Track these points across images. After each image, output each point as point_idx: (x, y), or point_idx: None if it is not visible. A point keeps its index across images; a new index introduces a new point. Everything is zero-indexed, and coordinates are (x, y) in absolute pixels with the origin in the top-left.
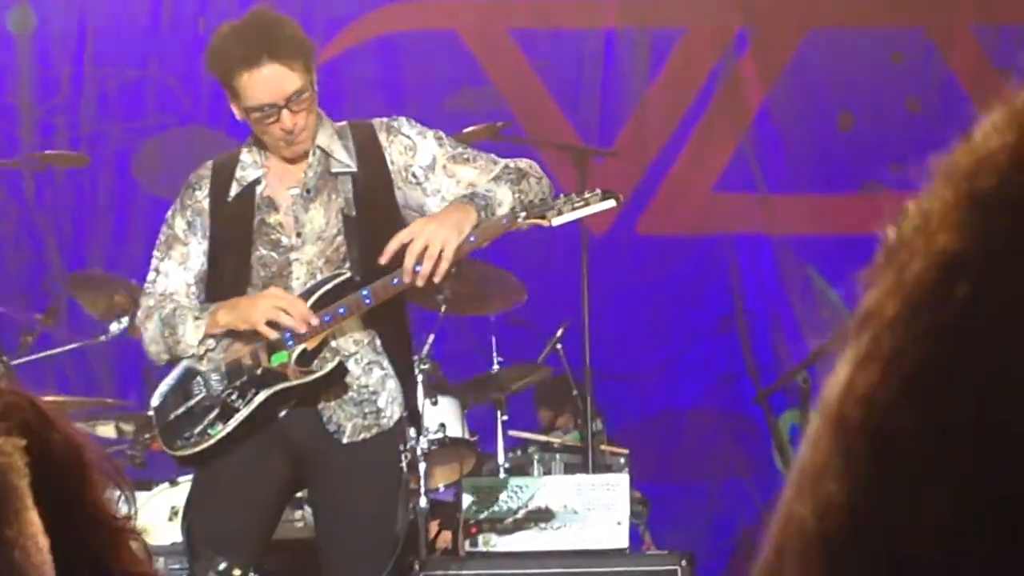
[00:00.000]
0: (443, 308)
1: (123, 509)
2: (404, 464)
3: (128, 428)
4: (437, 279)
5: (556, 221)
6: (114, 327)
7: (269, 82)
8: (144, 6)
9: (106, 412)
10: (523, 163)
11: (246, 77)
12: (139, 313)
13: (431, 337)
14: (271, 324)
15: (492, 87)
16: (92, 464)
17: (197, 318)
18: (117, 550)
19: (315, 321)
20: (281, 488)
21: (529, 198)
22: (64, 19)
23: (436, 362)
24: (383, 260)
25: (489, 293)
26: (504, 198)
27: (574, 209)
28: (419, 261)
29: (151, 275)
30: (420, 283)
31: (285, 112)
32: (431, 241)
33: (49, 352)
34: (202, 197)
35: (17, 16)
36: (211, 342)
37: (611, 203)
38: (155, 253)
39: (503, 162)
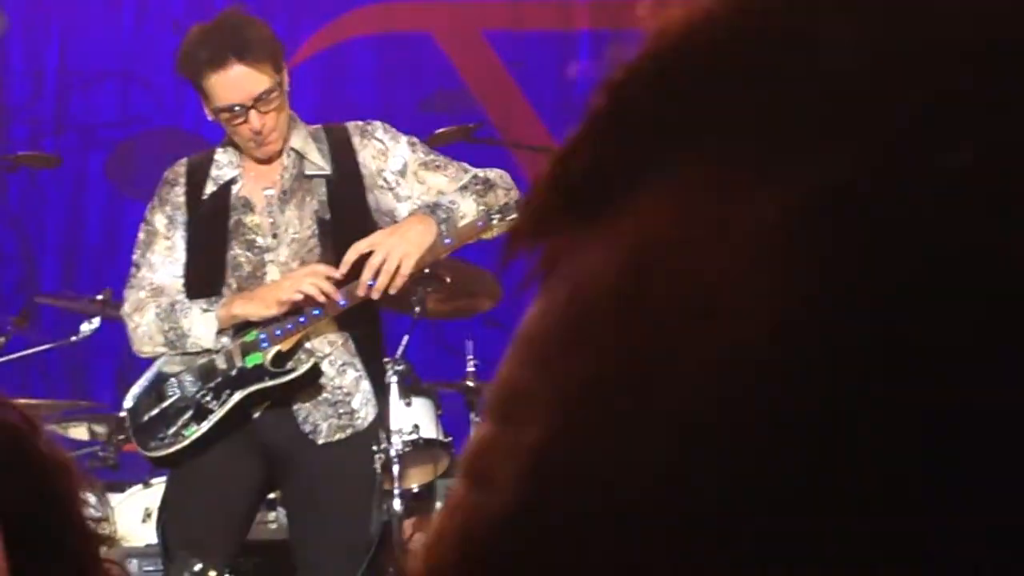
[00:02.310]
0: (416, 310)
1: (95, 513)
2: (378, 465)
3: (100, 430)
4: (392, 292)
5: None
6: (85, 328)
7: (236, 83)
8: (117, 8)
9: (78, 414)
10: (493, 174)
11: (214, 78)
12: (126, 306)
13: (406, 338)
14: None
15: (466, 89)
16: (72, 469)
17: (206, 310)
18: (95, 554)
19: (336, 296)
20: (255, 488)
21: (495, 209)
22: (37, 21)
23: (410, 363)
24: (341, 271)
25: (469, 294)
26: (468, 210)
27: None
28: (376, 275)
29: (134, 269)
30: (375, 296)
31: (253, 113)
32: (389, 256)
33: (21, 353)
34: (180, 192)
35: None
36: (225, 340)
37: None
38: (136, 251)
39: (473, 171)
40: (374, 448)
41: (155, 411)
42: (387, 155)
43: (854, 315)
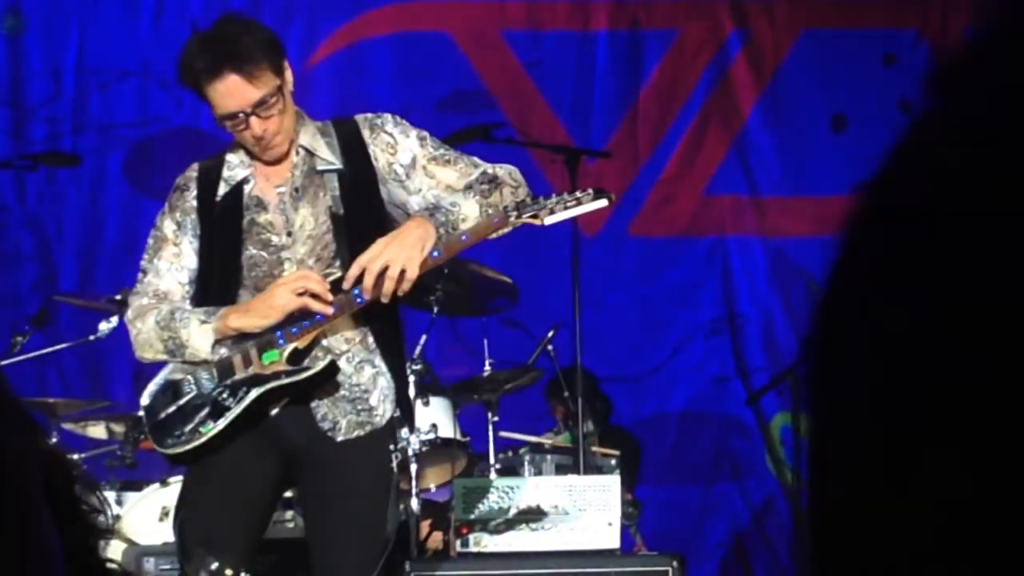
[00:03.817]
0: (435, 309)
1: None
2: (395, 463)
3: (118, 429)
4: (401, 294)
5: (548, 220)
6: (103, 327)
7: (233, 92)
8: (135, 7)
9: (96, 413)
10: (502, 171)
11: (211, 89)
12: (129, 312)
13: (423, 338)
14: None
15: (484, 89)
16: (68, 463)
17: (203, 322)
18: (95, 548)
19: (330, 298)
20: (273, 487)
21: (512, 206)
22: (56, 21)
23: (428, 363)
24: (346, 287)
25: (482, 294)
26: (469, 212)
27: (567, 208)
28: (380, 281)
29: (141, 275)
30: (385, 300)
31: (254, 119)
32: (392, 262)
33: (39, 352)
34: (191, 198)
35: (9, 18)
36: (223, 351)
37: (603, 202)
38: (144, 256)
39: (482, 167)
40: (391, 446)
41: (172, 408)
42: (396, 148)
43: None
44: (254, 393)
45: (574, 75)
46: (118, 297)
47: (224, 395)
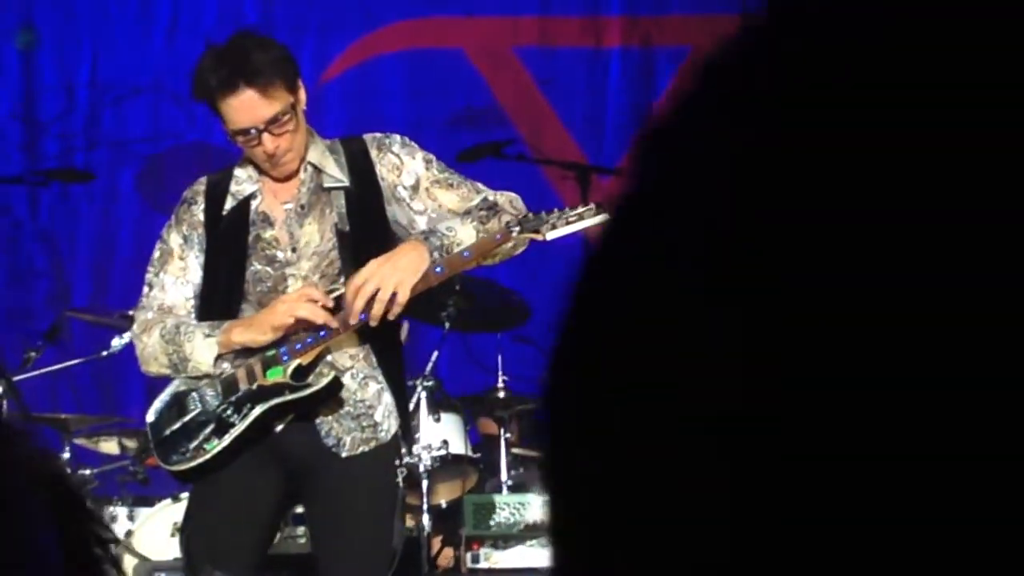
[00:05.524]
0: (447, 325)
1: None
2: (400, 478)
3: (131, 444)
4: (391, 318)
5: (551, 235)
6: (116, 343)
7: (247, 108)
8: (149, 23)
9: (109, 428)
10: (503, 198)
11: (225, 104)
12: (135, 326)
13: (435, 354)
14: (301, 328)
15: (496, 105)
16: (78, 492)
17: (208, 335)
18: (96, 555)
19: (330, 304)
20: (278, 502)
21: (515, 222)
22: (69, 36)
23: (439, 379)
24: (348, 300)
25: (494, 310)
26: (465, 237)
27: (568, 223)
28: (370, 304)
29: (146, 288)
30: (373, 323)
31: (266, 135)
32: (383, 284)
33: (52, 368)
34: (198, 211)
35: (22, 33)
36: (226, 365)
37: (606, 217)
38: (149, 269)
39: (484, 194)
40: (396, 462)
41: (177, 425)
42: (401, 169)
43: None
44: (258, 410)
45: (587, 92)
46: (131, 313)
47: (228, 412)
